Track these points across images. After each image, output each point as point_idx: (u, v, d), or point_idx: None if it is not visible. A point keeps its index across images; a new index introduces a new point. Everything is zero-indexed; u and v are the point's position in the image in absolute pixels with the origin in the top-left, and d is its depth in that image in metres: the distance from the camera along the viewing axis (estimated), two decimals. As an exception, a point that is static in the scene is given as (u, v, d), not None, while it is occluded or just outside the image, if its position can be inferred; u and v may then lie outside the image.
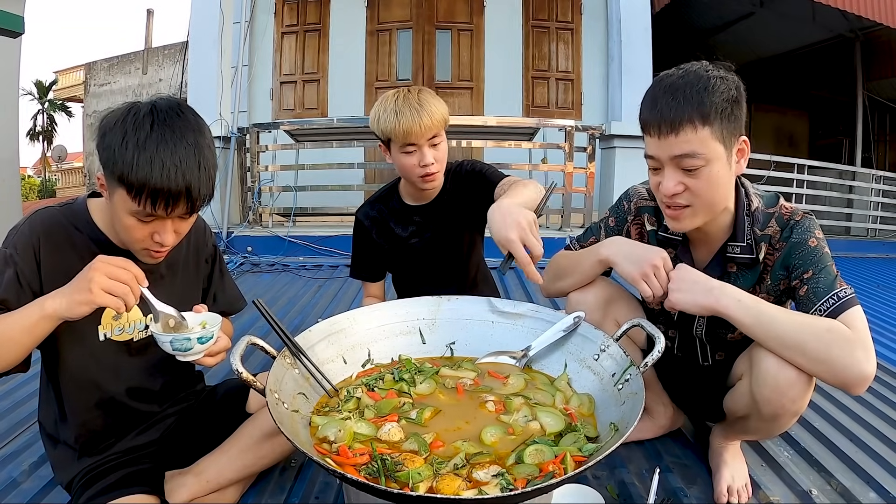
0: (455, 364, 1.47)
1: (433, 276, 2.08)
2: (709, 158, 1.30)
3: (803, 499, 1.57)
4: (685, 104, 1.28)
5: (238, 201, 5.97)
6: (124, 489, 1.29)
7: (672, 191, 1.35)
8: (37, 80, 29.67)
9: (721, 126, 1.29)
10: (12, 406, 2.12)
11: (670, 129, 1.29)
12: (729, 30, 9.45)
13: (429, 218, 2.03)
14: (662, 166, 1.36)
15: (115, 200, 1.20)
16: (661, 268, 1.38)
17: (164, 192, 1.15)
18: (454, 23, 7.39)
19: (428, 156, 1.84)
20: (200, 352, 1.24)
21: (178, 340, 1.20)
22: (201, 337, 1.21)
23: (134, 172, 1.13)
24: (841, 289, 1.33)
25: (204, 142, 1.22)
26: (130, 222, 1.21)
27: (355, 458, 1.07)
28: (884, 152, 11.18)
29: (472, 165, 2.01)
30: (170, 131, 1.17)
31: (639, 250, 1.44)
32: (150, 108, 1.19)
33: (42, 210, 1.33)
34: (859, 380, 1.22)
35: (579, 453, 1.09)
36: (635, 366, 1.22)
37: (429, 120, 1.80)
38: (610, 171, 5.87)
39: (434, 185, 1.93)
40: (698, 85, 1.29)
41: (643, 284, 1.39)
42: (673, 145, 1.30)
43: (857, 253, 6.49)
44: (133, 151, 1.14)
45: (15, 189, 5.65)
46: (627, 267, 1.42)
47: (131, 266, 1.14)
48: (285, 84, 7.57)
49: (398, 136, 1.83)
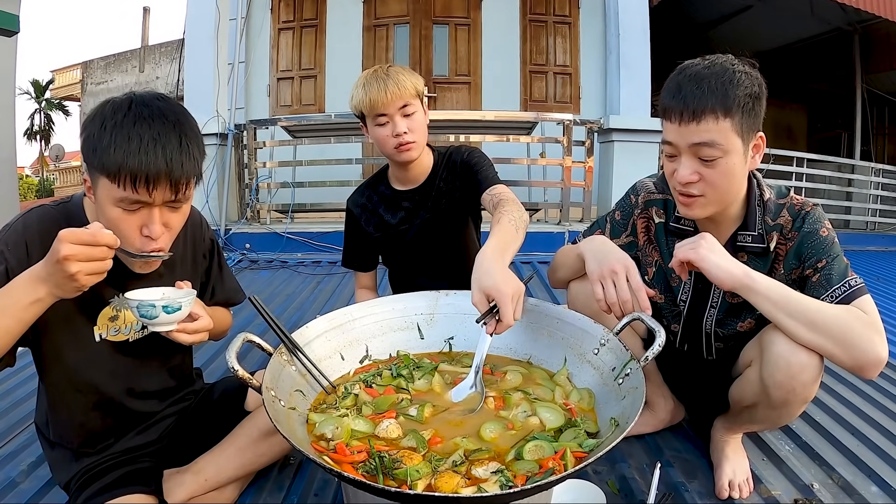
0: (454, 359, 1.46)
1: (426, 265, 2.04)
2: (726, 150, 1.31)
3: (805, 493, 1.56)
4: (709, 94, 1.29)
5: (236, 198, 5.95)
6: (122, 489, 1.28)
7: (687, 179, 1.35)
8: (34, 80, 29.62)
9: (741, 120, 1.30)
10: (11, 405, 2.11)
11: (692, 117, 1.30)
12: (727, 23, 9.42)
13: (418, 203, 2.00)
14: (679, 154, 1.36)
15: (100, 194, 1.16)
16: (621, 276, 1.32)
17: (142, 170, 1.10)
18: (451, 17, 7.36)
19: (400, 125, 1.82)
20: (170, 322, 1.20)
21: (144, 306, 1.17)
22: (166, 305, 1.18)
23: (112, 152, 1.10)
24: (852, 277, 1.36)
25: (186, 121, 1.19)
26: (116, 213, 1.15)
27: (353, 456, 1.06)
28: (882, 145, 11.18)
29: (468, 157, 1.96)
30: (147, 110, 1.15)
31: (607, 252, 1.40)
32: (128, 96, 1.18)
33: (37, 207, 1.31)
34: (876, 362, 1.25)
35: (579, 449, 1.08)
36: (636, 360, 1.21)
37: (395, 87, 1.79)
38: (608, 165, 5.85)
39: (410, 156, 1.88)
40: (723, 77, 1.30)
41: (598, 287, 1.35)
42: (693, 133, 1.31)
43: (856, 246, 6.47)
44: (111, 132, 1.11)
45: (12, 189, 5.64)
46: (591, 265, 1.40)
47: (99, 237, 1.05)
48: (282, 80, 7.54)
49: (367, 108, 1.83)
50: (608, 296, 1.33)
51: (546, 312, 1.47)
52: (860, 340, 1.25)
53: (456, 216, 2.02)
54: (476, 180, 1.88)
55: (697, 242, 1.34)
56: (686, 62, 1.38)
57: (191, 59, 6.16)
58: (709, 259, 1.31)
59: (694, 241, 1.35)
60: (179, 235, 1.34)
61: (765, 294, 1.30)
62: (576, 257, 1.55)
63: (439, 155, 2.01)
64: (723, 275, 1.31)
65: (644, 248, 1.66)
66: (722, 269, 1.31)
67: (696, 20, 9.54)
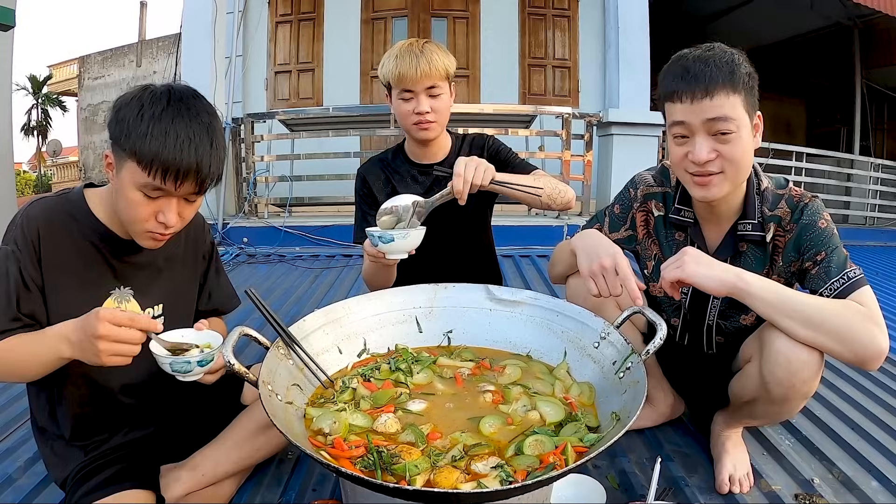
0: (453, 353, 1.45)
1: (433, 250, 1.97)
2: (739, 125, 1.33)
3: (805, 487, 1.56)
4: (717, 71, 1.31)
5: (233, 192, 5.93)
6: (119, 485, 1.27)
7: (705, 157, 1.34)
8: (31, 75, 29.45)
9: (745, 97, 1.33)
10: (7, 402, 2.10)
11: (705, 93, 1.31)
12: (727, 17, 9.40)
13: (435, 180, 1.97)
14: (692, 134, 1.36)
15: (124, 175, 1.19)
16: (610, 270, 1.33)
17: (175, 165, 1.16)
18: (450, 10, 7.33)
19: (424, 104, 1.82)
20: (200, 373, 1.22)
21: (178, 363, 1.17)
22: (201, 360, 1.19)
23: (148, 142, 1.14)
24: (851, 269, 1.35)
25: (216, 124, 1.26)
26: (137, 197, 1.19)
27: (351, 451, 1.05)
28: (882, 140, 11.16)
29: (496, 147, 1.97)
30: (185, 108, 1.20)
31: (597, 246, 1.40)
32: (166, 87, 1.22)
33: (38, 200, 1.31)
34: (877, 355, 1.24)
35: (580, 443, 1.07)
36: (637, 354, 1.20)
37: (426, 66, 1.78)
38: (607, 158, 5.84)
39: (427, 135, 1.88)
40: (725, 57, 1.34)
41: (590, 282, 1.37)
42: (707, 109, 1.31)
43: (855, 241, 6.47)
44: (149, 122, 1.15)
45: (9, 184, 5.61)
46: (582, 260, 1.41)
47: (137, 321, 1.11)
48: (280, 74, 7.51)
49: (395, 80, 1.82)
50: (601, 291, 1.35)
51: (546, 306, 1.46)
52: (859, 334, 1.25)
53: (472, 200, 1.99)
54: (511, 169, 1.88)
55: (681, 259, 1.34)
56: (681, 51, 1.40)
57: (188, 53, 6.12)
58: (697, 273, 1.31)
59: (677, 259, 1.35)
60: (182, 234, 1.37)
61: (760, 295, 1.30)
62: (570, 253, 1.56)
63: (457, 138, 2.01)
64: (714, 284, 1.31)
65: (643, 241, 1.65)
66: (713, 278, 1.30)
67: (696, 14, 9.51)
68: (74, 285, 1.27)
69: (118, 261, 1.34)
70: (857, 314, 1.27)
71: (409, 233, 1.56)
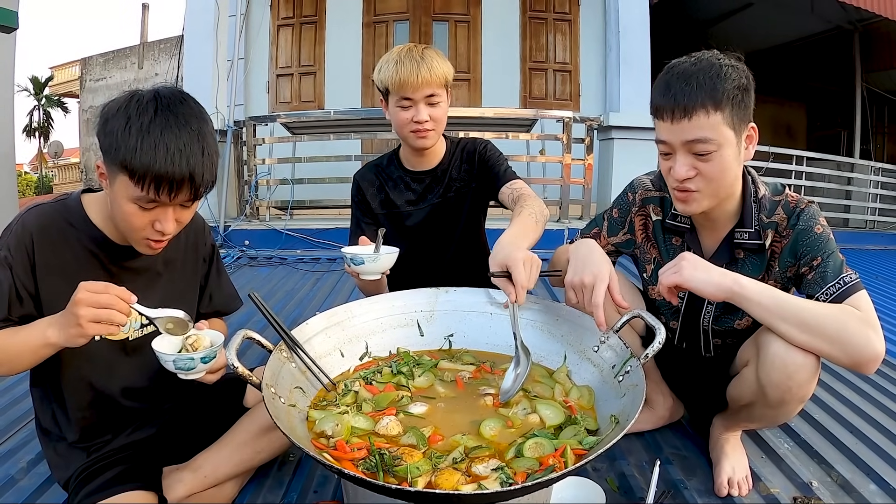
0: (454, 356, 1.46)
1: (426, 255, 2.00)
2: (720, 144, 1.32)
3: (804, 490, 1.57)
4: (698, 90, 1.30)
5: (235, 195, 5.93)
6: (122, 485, 1.28)
7: (684, 175, 1.36)
8: (33, 76, 29.48)
9: (732, 112, 1.31)
10: (10, 402, 2.11)
11: (683, 114, 1.31)
12: (727, 21, 9.39)
13: (428, 187, 1.98)
14: (674, 151, 1.37)
15: (116, 188, 1.19)
16: (588, 289, 1.32)
17: (167, 177, 1.15)
18: (451, 14, 7.34)
19: (423, 113, 1.80)
20: (203, 370, 1.23)
21: (182, 360, 1.19)
22: (204, 357, 1.20)
23: (138, 157, 1.13)
24: (847, 274, 1.36)
25: (206, 129, 1.23)
26: (131, 209, 1.19)
27: (353, 453, 1.06)
28: (882, 144, 11.16)
29: (486, 151, 1.96)
30: (173, 117, 1.17)
31: (587, 261, 1.39)
32: (153, 94, 1.20)
33: (34, 207, 1.31)
34: (873, 358, 1.25)
35: (580, 446, 1.08)
36: (636, 357, 1.21)
37: (427, 73, 1.76)
38: (608, 162, 5.84)
39: (425, 143, 1.87)
40: (710, 72, 1.32)
41: (570, 292, 1.38)
42: (685, 130, 1.32)
43: (855, 245, 6.46)
44: (137, 136, 1.14)
45: (11, 186, 5.62)
46: (569, 270, 1.40)
47: (111, 288, 1.12)
48: (282, 77, 7.52)
49: (394, 87, 1.80)
50: (577, 304, 1.37)
51: (546, 310, 1.47)
52: (855, 338, 1.26)
53: (464, 206, 2.00)
54: (493, 175, 1.88)
55: (679, 265, 1.35)
56: (673, 61, 1.40)
57: (190, 56, 6.14)
58: (694, 277, 1.33)
59: (675, 265, 1.36)
60: (181, 238, 1.37)
61: (756, 300, 1.31)
62: (566, 260, 1.56)
63: (451, 143, 2.01)
64: (712, 289, 1.32)
65: (642, 245, 1.66)
66: (710, 283, 1.32)
67: (696, 18, 9.51)
68: (71, 291, 1.28)
69: (116, 266, 1.34)
70: (853, 318, 1.28)
71: (379, 256, 1.60)
